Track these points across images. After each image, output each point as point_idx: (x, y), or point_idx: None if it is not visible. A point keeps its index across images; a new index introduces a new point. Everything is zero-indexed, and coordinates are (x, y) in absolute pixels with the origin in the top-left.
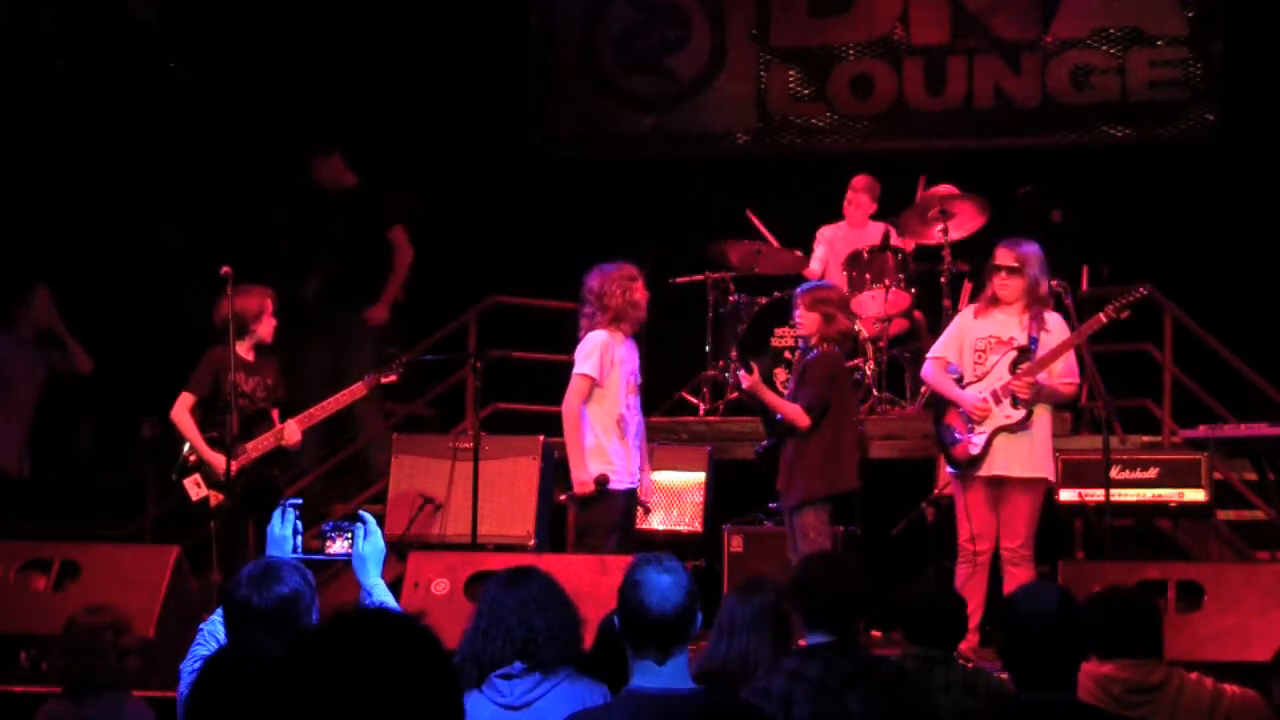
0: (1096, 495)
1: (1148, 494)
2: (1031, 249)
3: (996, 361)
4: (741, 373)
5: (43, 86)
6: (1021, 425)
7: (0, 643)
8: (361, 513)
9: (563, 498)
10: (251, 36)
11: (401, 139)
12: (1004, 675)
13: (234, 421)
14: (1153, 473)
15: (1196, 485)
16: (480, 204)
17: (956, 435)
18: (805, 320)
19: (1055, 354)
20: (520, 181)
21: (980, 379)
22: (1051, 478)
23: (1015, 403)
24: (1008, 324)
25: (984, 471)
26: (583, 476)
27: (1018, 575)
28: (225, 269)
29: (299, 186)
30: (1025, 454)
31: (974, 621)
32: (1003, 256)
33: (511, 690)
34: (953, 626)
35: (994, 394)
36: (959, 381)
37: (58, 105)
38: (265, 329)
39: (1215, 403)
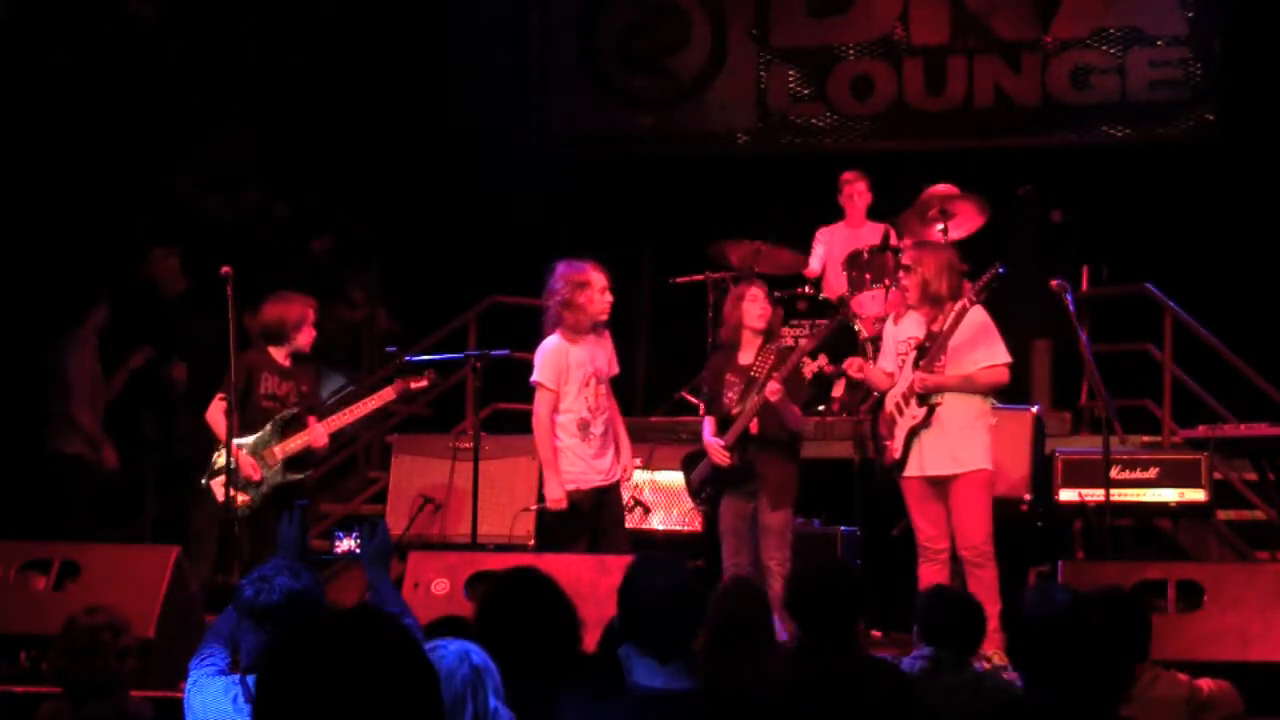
0: (1096, 495)
1: (1148, 494)
2: (931, 249)
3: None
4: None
5: (42, 82)
6: (925, 422)
7: (0, 643)
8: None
9: (534, 508)
10: (249, 35)
11: (401, 139)
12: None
13: (234, 422)
14: (1153, 473)
15: (1196, 485)
16: (480, 204)
17: (884, 442)
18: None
19: (943, 345)
20: (520, 181)
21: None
22: (987, 466)
23: (920, 401)
24: (920, 324)
25: (915, 473)
26: (555, 494)
27: (981, 576)
28: (225, 269)
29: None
30: (947, 450)
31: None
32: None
33: None
34: (968, 629)
35: (903, 395)
36: None
37: (57, 101)
38: (305, 338)
39: (1215, 403)
